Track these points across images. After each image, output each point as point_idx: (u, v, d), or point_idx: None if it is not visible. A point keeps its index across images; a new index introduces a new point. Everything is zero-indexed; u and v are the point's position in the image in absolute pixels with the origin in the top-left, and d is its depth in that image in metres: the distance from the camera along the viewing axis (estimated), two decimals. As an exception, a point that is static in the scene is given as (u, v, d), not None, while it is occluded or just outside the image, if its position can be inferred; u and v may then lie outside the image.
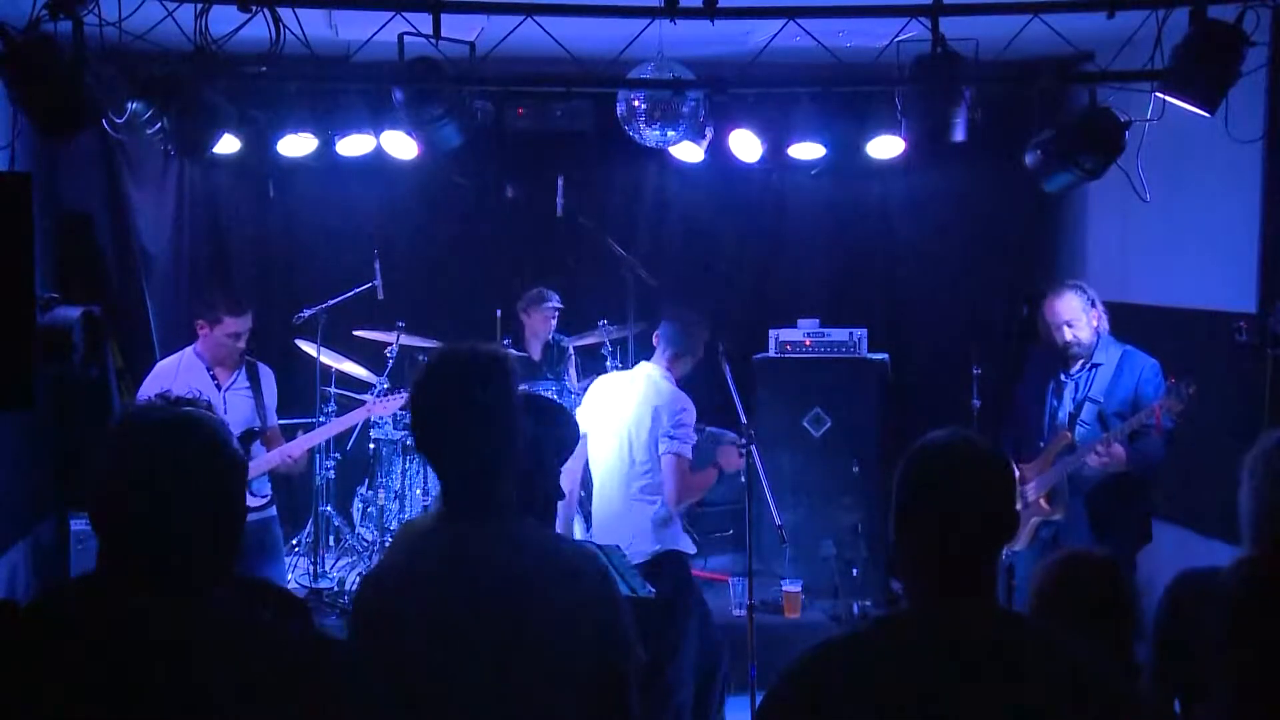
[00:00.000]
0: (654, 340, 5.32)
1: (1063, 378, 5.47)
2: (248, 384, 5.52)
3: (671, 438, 5.00)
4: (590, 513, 7.15)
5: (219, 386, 5.45)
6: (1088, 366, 5.40)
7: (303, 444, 5.77)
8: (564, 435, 3.25)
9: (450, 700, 2.40)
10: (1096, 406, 5.33)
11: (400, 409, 6.36)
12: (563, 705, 2.44)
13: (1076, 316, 5.35)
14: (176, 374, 5.34)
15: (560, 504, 3.44)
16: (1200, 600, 2.89)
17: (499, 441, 2.52)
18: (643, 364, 5.32)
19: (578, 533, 6.73)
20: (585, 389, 7.29)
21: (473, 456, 2.51)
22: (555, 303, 7.31)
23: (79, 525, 6.17)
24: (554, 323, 7.39)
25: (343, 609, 6.39)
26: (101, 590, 1.92)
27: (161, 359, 5.83)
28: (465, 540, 2.50)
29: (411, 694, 2.36)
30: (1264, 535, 2.84)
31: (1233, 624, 2.81)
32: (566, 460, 3.25)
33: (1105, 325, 5.42)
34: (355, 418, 6.24)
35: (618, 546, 4.43)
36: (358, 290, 7.05)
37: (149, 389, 5.28)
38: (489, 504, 2.51)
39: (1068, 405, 5.42)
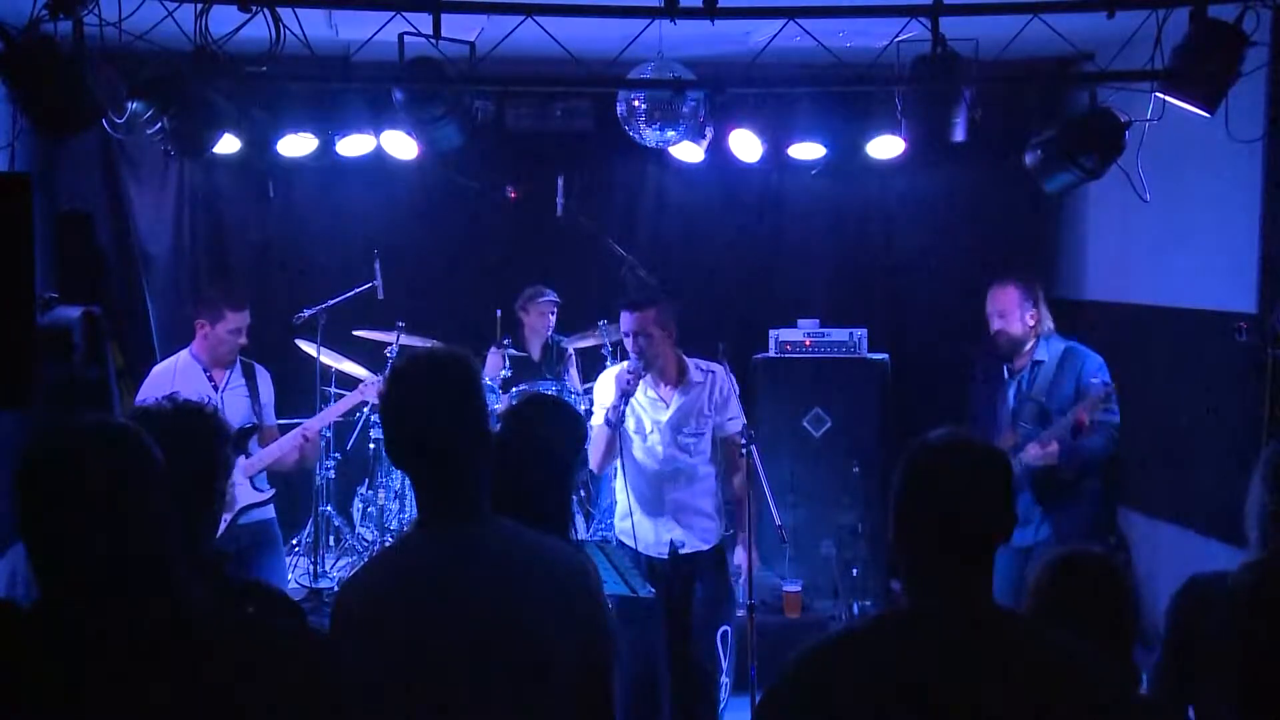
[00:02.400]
0: None
1: (1006, 377, 5.35)
2: (243, 383, 5.51)
3: None
4: (589, 511, 7.19)
5: (216, 387, 5.44)
6: (1030, 365, 5.26)
7: (315, 422, 5.74)
8: (567, 429, 3.18)
9: (430, 704, 2.39)
10: (1038, 405, 5.20)
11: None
12: (544, 705, 2.43)
13: (1009, 309, 5.23)
14: (174, 377, 5.33)
15: None
16: (1210, 605, 2.89)
17: (467, 443, 2.50)
18: None
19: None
20: (588, 390, 7.32)
21: (442, 460, 2.49)
22: (552, 297, 7.30)
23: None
24: (552, 318, 7.36)
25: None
26: (95, 591, 1.92)
27: (161, 360, 5.82)
28: (440, 545, 2.48)
29: (391, 699, 2.35)
30: (1270, 539, 2.84)
31: (1241, 627, 2.81)
32: (580, 453, 3.20)
33: (1047, 325, 5.29)
34: (354, 399, 6.18)
35: (619, 544, 4.42)
36: (358, 290, 7.04)
37: (146, 393, 5.26)
38: (463, 507, 2.49)
39: (1010, 405, 5.31)
